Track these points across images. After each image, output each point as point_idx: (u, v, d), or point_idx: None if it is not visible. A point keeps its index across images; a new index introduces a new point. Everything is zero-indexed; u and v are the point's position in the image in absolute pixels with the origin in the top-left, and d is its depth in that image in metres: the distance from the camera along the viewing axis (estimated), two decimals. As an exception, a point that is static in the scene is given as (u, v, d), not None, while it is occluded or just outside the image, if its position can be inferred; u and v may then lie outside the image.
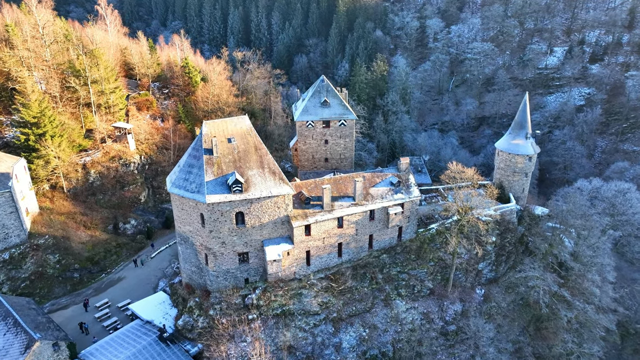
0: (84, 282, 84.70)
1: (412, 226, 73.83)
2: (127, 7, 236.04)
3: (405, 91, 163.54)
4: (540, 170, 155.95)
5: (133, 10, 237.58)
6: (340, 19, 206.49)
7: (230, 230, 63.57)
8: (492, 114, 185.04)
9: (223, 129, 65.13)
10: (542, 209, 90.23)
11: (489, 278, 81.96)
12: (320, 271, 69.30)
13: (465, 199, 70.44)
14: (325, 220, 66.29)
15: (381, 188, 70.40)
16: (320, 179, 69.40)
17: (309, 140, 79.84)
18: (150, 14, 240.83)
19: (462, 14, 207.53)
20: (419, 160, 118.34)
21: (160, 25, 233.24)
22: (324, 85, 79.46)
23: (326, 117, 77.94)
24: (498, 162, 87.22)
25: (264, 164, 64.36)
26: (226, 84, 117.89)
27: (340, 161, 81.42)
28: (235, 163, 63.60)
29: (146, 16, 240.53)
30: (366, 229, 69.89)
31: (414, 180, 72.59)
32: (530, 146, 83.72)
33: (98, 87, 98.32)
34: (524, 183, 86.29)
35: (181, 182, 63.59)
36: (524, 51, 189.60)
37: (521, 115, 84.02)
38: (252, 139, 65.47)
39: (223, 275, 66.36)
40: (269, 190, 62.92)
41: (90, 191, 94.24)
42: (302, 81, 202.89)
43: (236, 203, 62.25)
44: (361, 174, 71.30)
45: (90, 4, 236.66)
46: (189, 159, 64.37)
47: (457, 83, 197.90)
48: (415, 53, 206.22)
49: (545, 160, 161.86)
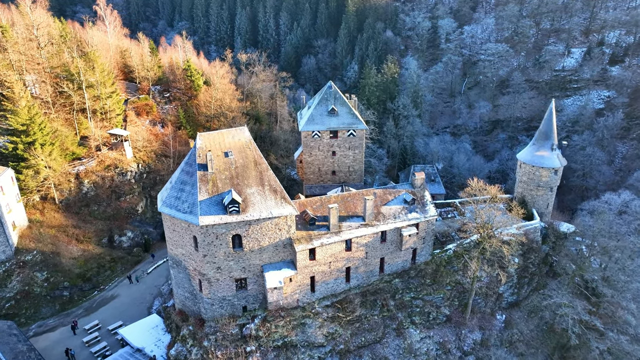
0: (74, 300, 78.26)
1: (427, 248, 66.44)
2: (133, 7, 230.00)
3: (416, 94, 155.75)
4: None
5: (140, 11, 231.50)
6: (349, 19, 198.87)
7: (226, 255, 56.63)
8: (507, 118, 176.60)
9: (219, 141, 58.16)
10: (568, 226, 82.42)
11: (511, 302, 74.39)
12: (326, 298, 62.13)
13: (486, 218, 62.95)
14: (332, 244, 59.10)
15: (394, 206, 63.06)
16: (327, 196, 62.22)
17: (315, 151, 72.66)
18: (157, 15, 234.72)
19: (475, 14, 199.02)
20: (432, 168, 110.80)
21: (167, 25, 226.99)
22: (331, 92, 72.21)
23: (334, 126, 70.66)
24: (520, 175, 79.50)
25: (265, 181, 57.29)
26: (229, 87, 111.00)
27: (348, 174, 74.14)
28: (233, 180, 56.61)
29: (153, 17, 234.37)
30: (377, 251, 62.64)
31: (430, 197, 65.14)
32: (556, 158, 75.95)
33: (93, 92, 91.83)
34: (548, 198, 78.53)
35: (172, 200, 56.72)
36: (540, 52, 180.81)
37: (546, 124, 76.22)
38: (252, 153, 58.44)
39: (219, 302, 59.44)
40: (269, 210, 55.87)
41: (84, 202, 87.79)
42: (310, 83, 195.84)
43: (233, 225, 55.29)
44: (372, 191, 64.00)
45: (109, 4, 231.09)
46: (182, 175, 57.47)
47: (470, 85, 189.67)
48: (427, 54, 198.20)
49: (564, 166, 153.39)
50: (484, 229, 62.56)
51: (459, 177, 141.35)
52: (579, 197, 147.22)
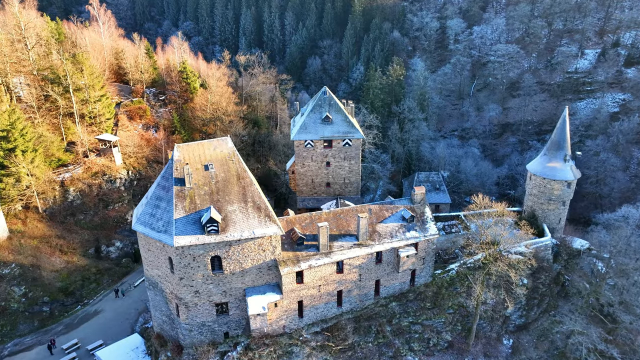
0: (54, 316, 73.44)
1: (427, 269, 60.51)
2: (138, 7, 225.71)
3: (423, 96, 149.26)
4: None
5: (145, 11, 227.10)
6: (355, 19, 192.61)
7: (204, 278, 51.26)
8: (517, 121, 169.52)
9: (199, 153, 52.76)
10: (582, 242, 75.97)
11: (519, 324, 68.13)
12: (316, 324, 56.49)
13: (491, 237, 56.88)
14: (322, 266, 53.47)
15: (391, 224, 57.24)
16: (317, 213, 56.55)
17: (308, 162, 67.02)
18: (162, 15, 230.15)
19: (485, 14, 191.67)
20: (437, 176, 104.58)
21: (172, 25, 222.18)
22: (326, 98, 66.46)
23: (328, 135, 64.90)
24: (530, 188, 73.22)
25: (248, 197, 51.80)
26: (226, 90, 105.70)
27: (344, 186, 68.45)
28: (212, 196, 51.19)
29: (158, 17, 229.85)
30: (372, 273, 56.88)
31: (431, 213, 59.21)
32: (569, 170, 69.58)
33: (82, 95, 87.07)
34: (560, 213, 72.18)
35: (147, 217, 51.45)
36: (552, 54, 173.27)
37: (559, 133, 69.84)
38: (235, 166, 52.96)
39: (197, 328, 54.11)
40: (251, 230, 50.37)
41: (70, 211, 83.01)
42: (315, 85, 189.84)
43: (211, 246, 49.88)
44: (367, 207, 58.21)
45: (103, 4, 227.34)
46: (157, 190, 52.15)
47: (479, 87, 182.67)
48: (435, 55, 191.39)
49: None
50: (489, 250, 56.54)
51: (466, 183, 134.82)
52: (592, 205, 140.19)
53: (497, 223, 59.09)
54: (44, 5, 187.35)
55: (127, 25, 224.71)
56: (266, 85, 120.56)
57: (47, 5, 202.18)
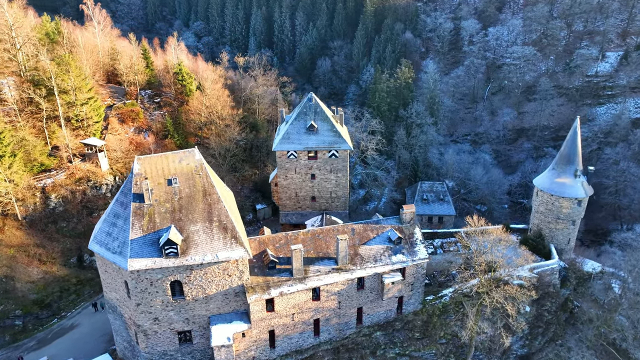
0: (27, 330, 69.23)
1: (417, 295, 54.37)
2: (150, 7, 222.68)
3: (433, 100, 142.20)
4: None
5: (157, 10, 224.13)
6: (367, 19, 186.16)
7: (164, 304, 46.12)
8: (533, 126, 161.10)
9: (162, 166, 47.57)
10: (594, 265, 68.88)
11: (521, 355, 61.56)
12: (290, 355, 50.89)
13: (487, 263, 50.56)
14: (295, 292, 47.85)
15: (375, 246, 51.31)
16: (294, 233, 50.93)
17: (291, 174, 61.39)
18: (173, 14, 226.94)
19: (501, 15, 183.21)
20: (441, 186, 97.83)
21: (183, 25, 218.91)
22: (311, 105, 60.68)
23: (312, 146, 59.08)
24: (537, 204, 66.40)
25: (213, 216, 46.45)
26: (222, 93, 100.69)
27: (330, 201, 62.68)
28: (174, 214, 45.97)
29: (169, 16, 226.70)
30: (353, 300, 51.05)
31: (421, 235, 53.06)
32: (580, 187, 62.60)
33: (68, 98, 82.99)
34: (570, 232, 65.19)
35: (103, 236, 46.51)
36: (571, 56, 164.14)
37: (570, 145, 62.89)
38: (202, 181, 47.66)
39: (158, 357, 48.98)
40: (214, 253, 45.02)
41: (51, 218, 78.90)
42: (325, 86, 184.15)
43: (170, 270, 44.69)
44: (350, 227, 52.35)
45: (115, 4, 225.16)
46: (115, 207, 47.17)
47: (494, 90, 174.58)
48: (449, 57, 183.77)
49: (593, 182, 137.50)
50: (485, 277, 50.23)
51: (475, 192, 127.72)
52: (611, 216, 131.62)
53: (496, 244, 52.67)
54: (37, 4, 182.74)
55: (139, 25, 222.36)
56: (267, 87, 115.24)
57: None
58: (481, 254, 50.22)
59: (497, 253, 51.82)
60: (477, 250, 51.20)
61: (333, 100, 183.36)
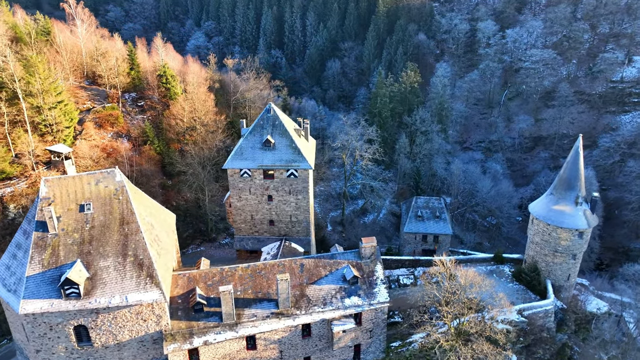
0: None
1: (377, 343, 45.89)
2: (163, 6, 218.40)
3: (441, 106, 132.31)
4: (606, 208, 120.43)
5: (169, 10, 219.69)
6: (379, 20, 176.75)
7: (68, 351, 39.06)
8: (551, 134, 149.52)
9: (76, 189, 40.53)
10: (599, 304, 59.02)
11: (506, 410, 52.34)
12: (221, 411, 43.19)
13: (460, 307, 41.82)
14: (224, 341, 40.11)
15: (326, 286, 43.11)
16: (231, 268, 43.25)
17: (245, 194, 53.63)
18: (185, 14, 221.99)
19: (520, 16, 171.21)
20: (439, 202, 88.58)
21: (195, 25, 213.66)
22: (269, 117, 52.71)
23: (267, 164, 51.02)
24: (532, 234, 56.95)
25: (128, 250, 39.11)
26: (207, 97, 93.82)
27: (291, 225, 54.73)
28: (83, 246, 38.84)
29: (182, 16, 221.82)
30: (298, 350, 42.97)
31: (383, 273, 44.55)
32: (582, 216, 52.88)
33: (34, 101, 77.28)
34: (570, 268, 55.47)
35: (2, 270, 39.70)
36: (595, 60, 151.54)
37: (570, 168, 53.27)
38: (121, 207, 40.39)
39: (69, 409, 41.99)
40: (124, 295, 37.68)
41: (9, 230, 72.88)
42: (334, 89, 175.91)
43: (72, 313, 37.57)
44: (299, 261, 44.29)
45: (129, 3, 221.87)
46: (18, 236, 40.31)
47: (510, 96, 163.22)
48: (463, 60, 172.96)
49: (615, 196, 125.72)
50: (457, 322, 41.54)
51: (482, 205, 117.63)
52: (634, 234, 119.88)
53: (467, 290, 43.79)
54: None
55: (151, 24, 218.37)
56: (260, 91, 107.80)
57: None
58: (445, 304, 41.50)
59: (472, 294, 42.99)
60: (445, 290, 42.52)
61: (342, 103, 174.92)
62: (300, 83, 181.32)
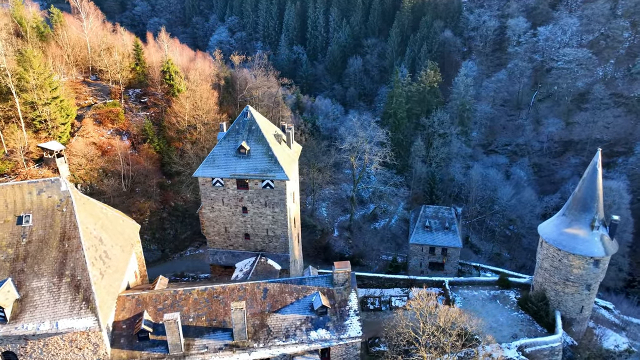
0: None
1: (349, 380, 40.35)
2: (188, 0, 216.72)
3: (463, 107, 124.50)
4: (639, 222, 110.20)
5: (194, 4, 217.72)
6: (403, 16, 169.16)
7: (-2, 378, 35.23)
8: (583, 139, 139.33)
9: (15, 199, 36.55)
10: (618, 340, 51.60)
11: None
12: None
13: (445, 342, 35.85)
14: (168, 375, 35.45)
15: (291, 316, 37.83)
16: (186, 291, 38.52)
17: (218, 204, 48.72)
18: (210, 9, 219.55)
19: (555, 12, 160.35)
20: (449, 212, 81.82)
21: (219, 20, 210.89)
22: (246, 121, 47.50)
23: (241, 173, 45.89)
24: (541, 258, 50.05)
25: (66, 269, 34.85)
26: (211, 94, 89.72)
27: (267, 240, 49.52)
28: (16, 263, 34.80)
29: (206, 10, 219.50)
30: (255, 385, 37.92)
31: (357, 302, 38.93)
32: (598, 242, 45.70)
33: (29, 97, 74.74)
34: (583, 299, 48.34)
35: None
36: (634, 61, 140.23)
37: (587, 186, 46.10)
38: (63, 220, 36.18)
39: None
40: (55, 321, 33.43)
41: (-3, 229, 71.04)
42: (355, 87, 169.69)
43: (-2, 338, 33.62)
44: (263, 286, 39.15)
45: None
46: (-48, 247, 36.65)
47: (540, 97, 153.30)
48: (492, 58, 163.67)
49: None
50: None
51: (501, 215, 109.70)
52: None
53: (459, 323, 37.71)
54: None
55: (177, 19, 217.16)
56: (269, 89, 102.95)
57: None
58: (423, 345, 35.55)
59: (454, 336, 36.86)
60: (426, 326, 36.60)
61: (363, 101, 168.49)
62: (321, 80, 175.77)
